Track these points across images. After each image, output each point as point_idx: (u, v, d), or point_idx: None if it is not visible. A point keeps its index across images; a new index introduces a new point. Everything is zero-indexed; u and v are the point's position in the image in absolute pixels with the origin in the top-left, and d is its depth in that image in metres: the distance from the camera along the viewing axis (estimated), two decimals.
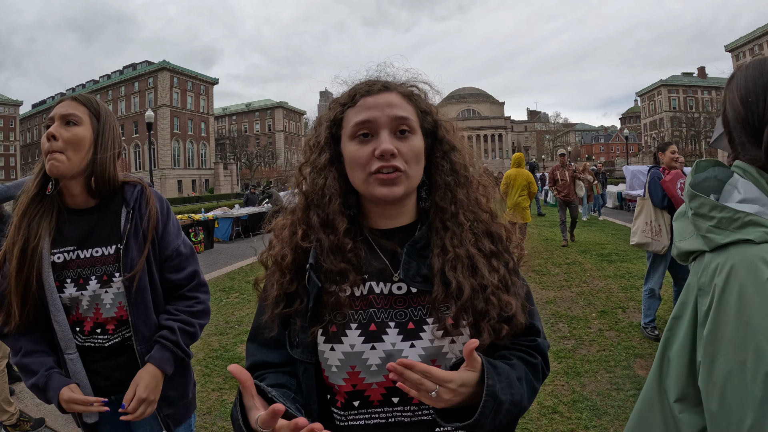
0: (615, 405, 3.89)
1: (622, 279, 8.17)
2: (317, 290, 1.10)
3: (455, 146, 1.23)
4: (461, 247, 1.13)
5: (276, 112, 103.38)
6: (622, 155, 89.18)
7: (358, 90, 1.17)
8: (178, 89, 77.67)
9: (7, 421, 3.86)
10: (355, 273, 1.12)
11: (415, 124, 1.15)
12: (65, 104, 1.73)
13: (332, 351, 1.10)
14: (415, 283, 1.13)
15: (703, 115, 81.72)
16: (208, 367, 5.02)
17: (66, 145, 1.66)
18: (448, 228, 1.16)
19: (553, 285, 7.94)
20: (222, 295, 8.23)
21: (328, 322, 1.11)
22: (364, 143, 1.11)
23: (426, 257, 1.15)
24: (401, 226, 1.21)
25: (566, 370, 4.61)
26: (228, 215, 17.23)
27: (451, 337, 1.10)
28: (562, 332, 5.66)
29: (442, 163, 1.21)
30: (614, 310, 6.41)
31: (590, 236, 13.23)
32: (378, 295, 1.14)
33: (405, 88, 1.19)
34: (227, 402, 4.22)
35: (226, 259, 12.57)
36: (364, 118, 1.11)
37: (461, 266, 1.11)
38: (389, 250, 1.17)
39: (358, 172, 1.12)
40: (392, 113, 1.11)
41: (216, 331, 6.22)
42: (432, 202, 1.20)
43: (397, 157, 1.09)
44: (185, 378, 1.96)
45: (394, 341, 1.10)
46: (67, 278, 1.68)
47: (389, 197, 1.10)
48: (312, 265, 1.12)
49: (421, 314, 1.12)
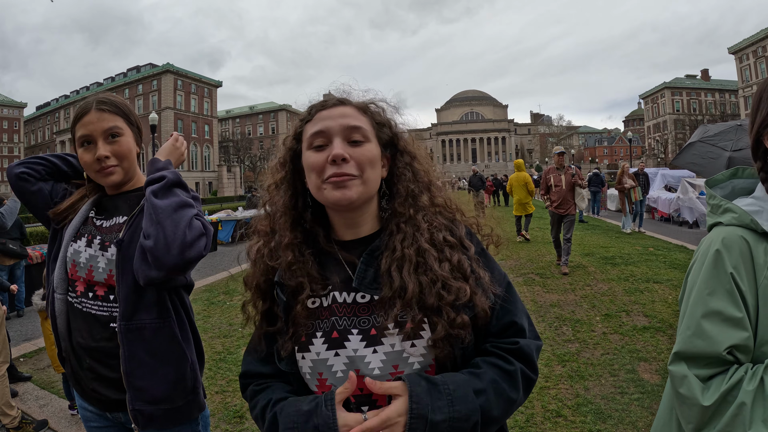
0: (619, 409, 3.87)
1: (626, 282, 8.14)
2: (284, 305, 1.19)
3: (416, 155, 1.29)
4: (411, 247, 1.16)
5: (279, 114, 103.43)
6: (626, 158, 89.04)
7: (314, 106, 1.23)
8: (182, 92, 77.86)
9: (9, 424, 3.87)
10: (314, 284, 1.18)
11: (369, 134, 1.19)
12: (98, 119, 1.75)
13: (303, 359, 1.18)
14: (369, 290, 1.16)
15: (706, 117, 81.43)
16: (211, 370, 5.02)
17: (119, 159, 1.78)
18: (401, 230, 1.19)
19: (557, 288, 7.92)
20: (225, 298, 8.25)
21: (298, 333, 1.18)
22: (319, 151, 1.16)
23: (378, 263, 1.19)
24: (364, 236, 1.25)
25: (570, 373, 4.60)
26: (231, 218, 17.27)
27: (411, 341, 1.11)
28: (566, 335, 5.64)
29: (404, 172, 1.26)
30: (618, 314, 6.38)
31: (594, 239, 13.19)
32: (341, 304, 1.19)
33: (359, 102, 1.25)
34: (230, 405, 4.22)
35: (229, 262, 12.58)
36: (318, 129, 1.17)
37: (407, 264, 1.13)
38: (351, 260, 1.22)
39: (313, 179, 1.16)
40: (345, 123, 1.17)
41: (219, 334, 6.23)
42: (392, 209, 1.24)
43: (349, 162, 1.13)
44: (175, 374, 1.73)
45: (357, 347, 1.14)
46: (84, 234, 1.78)
47: (343, 200, 1.13)
48: (277, 282, 1.21)
49: (383, 320, 1.13)
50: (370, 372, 1.11)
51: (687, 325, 1.19)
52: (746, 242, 1.15)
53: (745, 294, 1.12)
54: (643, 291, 7.49)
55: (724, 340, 1.12)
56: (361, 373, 1.11)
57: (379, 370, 1.11)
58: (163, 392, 1.69)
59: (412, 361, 1.12)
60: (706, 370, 1.14)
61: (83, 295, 1.73)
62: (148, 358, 1.67)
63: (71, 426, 4.08)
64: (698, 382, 1.13)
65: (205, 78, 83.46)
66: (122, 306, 1.65)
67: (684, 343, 1.18)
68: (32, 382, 5.03)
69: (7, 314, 4.75)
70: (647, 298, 7.10)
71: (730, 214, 1.22)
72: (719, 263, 1.16)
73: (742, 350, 1.13)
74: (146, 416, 1.69)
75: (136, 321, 1.66)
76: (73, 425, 4.09)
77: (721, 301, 1.14)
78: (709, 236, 1.24)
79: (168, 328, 1.71)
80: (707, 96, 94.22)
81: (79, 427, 4.03)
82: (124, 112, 1.82)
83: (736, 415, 1.07)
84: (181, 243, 1.53)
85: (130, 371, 1.66)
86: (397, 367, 1.12)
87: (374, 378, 1.09)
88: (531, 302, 7.08)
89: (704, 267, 1.20)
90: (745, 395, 1.07)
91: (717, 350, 1.12)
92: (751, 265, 1.14)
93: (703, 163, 6.65)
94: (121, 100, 1.86)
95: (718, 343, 1.12)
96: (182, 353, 1.74)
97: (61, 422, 4.15)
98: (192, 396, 1.78)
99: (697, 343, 1.15)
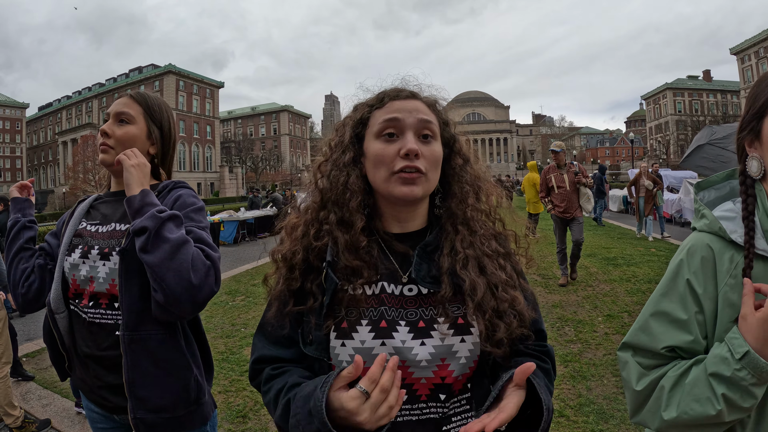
0: (621, 409, 3.87)
1: (628, 283, 8.14)
2: (334, 287, 1.13)
3: (470, 159, 1.29)
4: (471, 249, 1.18)
5: (281, 115, 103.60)
6: (628, 159, 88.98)
7: (386, 94, 1.22)
8: (184, 92, 78.08)
9: (12, 423, 3.88)
10: (369, 270, 1.15)
11: (437, 131, 1.20)
12: (121, 102, 1.84)
13: (343, 347, 1.12)
14: (426, 284, 1.16)
15: (708, 118, 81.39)
16: (214, 370, 5.01)
17: (116, 142, 1.79)
18: (459, 231, 1.20)
19: (559, 289, 7.92)
20: (228, 298, 8.25)
21: (341, 318, 1.13)
22: (390, 142, 1.15)
23: (436, 260, 1.19)
24: (413, 231, 1.24)
25: (572, 373, 4.60)
26: (233, 218, 17.28)
27: (461, 336, 1.13)
28: (569, 336, 5.64)
29: (461, 174, 1.26)
30: (620, 314, 6.38)
31: (596, 240, 13.18)
32: (389, 294, 1.17)
33: (429, 98, 1.25)
34: (233, 404, 4.23)
35: (231, 263, 12.60)
36: (392, 116, 1.16)
37: (472, 265, 1.15)
38: (400, 253, 1.21)
39: (381, 170, 1.15)
40: (419, 116, 1.16)
41: (222, 334, 6.24)
42: (446, 209, 1.24)
43: (420, 158, 1.13)
44: (178, 385, 1.70)
45: (404, 339, 1.12)
46: (79, 245, 1.76)
47: (409, 196, 1.13)
48: (329, 262, 1.15)
49: (432, 314, 1.14)
50: (417, 364, 1.11)
51: (638, 319, 1.29)
52: (711, 250, 1.19)
53: (702, 299, 1.17)
54: (645, 292, 7.48)
55: (665, 339, 1.19)
56: (407, 364, 1.11)
57: (427, 363, 1.11)
58: (165, 402, 1.67)
59: (459, 356, 1.13)
60: (648, 361, 1.22)
61: (87, 306, 1.72)
62: (152, 368, 1.64)
63: (74, 425, 4.09)
64: (637, 368, 1.22)
65: (207, 79, 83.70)
66: (126, 316, 1.63)
67: (632, 334, 1.28)
68: (35, 381, 5.04)
69: (9, 314, 4.76)
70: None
71: (704, 220, 1.25)
72: (679, 269, 1.22)
73: (685, 351, 1.18)
74: (148, 425, 1.66)
75: (142, 332, 1.63)
76: (76, 424, 4.09)
77: (671, 303, 1.21)
78: (684, 240, 1.29)
79: (173, 339, 1.68)
80: (709, 97, 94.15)
81: (82, 427, 4.04)
82: (148, 106, 1.86)
83: (656, 398, 1.16)
84: (189, 291, 1.48)
85: (132, 380, 1.63)
86: (444, 360, 1.12)
87: (421, 371, 1.11)
88: None
89: (667, 270, 1.27)
90: (666, 380, 1.16)
91: (656, 347, 1.20)
92: (712, 272, 1.17)
93: (713, 166, 6.60)
94: (155, 98, 1.90)
95: (658, 341, 1.20)
96: (187, 365, 1.70)
97: (64, 421, 4.16)
98: (195, 407, 1.74)
99: (641, 337, 1.24)
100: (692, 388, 1.11)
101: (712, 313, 1.16)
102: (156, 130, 1.88)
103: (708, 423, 1.09)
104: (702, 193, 1.33)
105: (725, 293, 1.15)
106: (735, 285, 1.14)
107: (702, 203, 1.29)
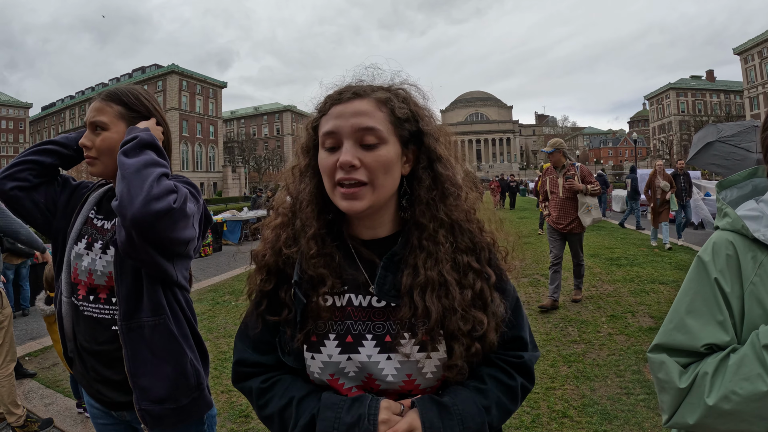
0: (625, 409, 3.85)
1: (632, 283, 8.12)
2: (303, 306, 1.13)
3: (441, 156, 1.17)
4: (434, 269, 1.11)
5: (284, 115, 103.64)
6: (631, 159, 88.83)
7: (330, 97, 1.14)
8: (187, 92, 78.13)
9: (15, 422, 3.87)
10: (333, 278, 1.13)
11: (385, 134, 1.09)
12: (93, 108, 1.76)
13: (313, 359, 1.14)
14: (389, 297, 1.13)
15: (711, 118, 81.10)
16: (217, 369, 5.02)
17: (98, 152, 1.74)
18: (424, 248, 1.13)
19: (563, 289, 7.86)
20: (231, 298, 8.26)
21: (310, 331, 1.14)
22: (331, 153, 1.10)
23: (401, 271, 1.14)
24: (382, 237, 1.20)
25: (576, 374, 4.58)
26: (237, 218, 17.28)
27: (427, 353, 1.11)
28: (572, 336, 5.63)
29: (423, 177, 1.16)
30: (624, 315, 6.36)
31: (599, 240, 13.15)
32: (356, 307, 1.15)
33: (381, 94, 1.13)
34: (236, 404, 4.22)
35: (234, 262, 12.59)
36: (329, 129, 1.10)
37: (431, 289, 1.10)
38: (368, 261, 1.17)
39: (326, 181, 1.12)
40: (357, 123, 1.07)
41: (225, 334, 6.23)
42: (411, 217, 1.16)
43: (359, 169, 1.07)
44: (176, 371, 1.71)
45: (370, 353, 1.11)
46: (86, 235, 1.77)
47: (350, 211, 1.09)
48: (296, 281, 1.14)
49: (399, 328, 1.11)
50: (383, 378, 1.11)
51: (670, 319, 1.24)
52: (734, 248, 1.17)
53: (730, 298, 1.15)
54: (648, 292, 7.47)
55: (705, 336, 1.15)
56: (373, 377, 1.12)
57: (393, 377, 1.11)
58: (166, 390, 1.67)
59: (425, 371, 1.12)
60: (686, 359, 1.18)
61: (85, 298, 1.73)
62: (150, 356, 1.66)
63: (76, 425, 4.09)
64: (676, 366, 1.17)
65: (210, 79, 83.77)
66: (122, 306, 1.64)
67: (665, 335, 1.23)
68: (38, 380, 5.04)
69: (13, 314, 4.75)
70: (653, 299, 7.09)
71: (726, 219, 1.24)
72: (705, 268, 1.20)
73: (723, 349, 1.14)
74: (154, 416, 1.67)
75: (136, 320, 1.64)
76: (78, 424, 4.09)
77: (704, 303, 1.18)
78: (708, 240, 1.27)
79: (164, 325, 1.68)
80: (712, 97, 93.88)
81: (84, 426, 4.03)
82: (123, 102, 1.77)
83: (699, 386, 1.11)
84: (146, 196, 1.43)
85: (134, 371, 1.65)
86: (410, 375, 1.12)
87: (387, 384, 1.11)
88: (536, 303, 7.05)
89: (691, 269, 1.25)
90: (707, 366, 1.11)
91: (695, 345, 1.15)
92: (737, 271, 1.16)
93: (727, 164, 6.57)
94: (128, 91, 1.80)
95: (698, 339, 1.15)
96: (181, 350, 1.71)
97: (66, 421, 4.15)
98: (197, 393, 1.75)
99: (677, 336, 1.19)
100: (739, 368, 1.06)
101: (740, 310, 1.15)
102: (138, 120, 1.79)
103: (756, 411, 1.04)
104: (724, 192, 1.33)
105: (752, 291, 1.13)
106: (760, 283, 1.12)
107: (725, 202, 1.28)
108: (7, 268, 7.27)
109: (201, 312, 7.38)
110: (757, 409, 1.03)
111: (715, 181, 11.08)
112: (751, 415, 1.04)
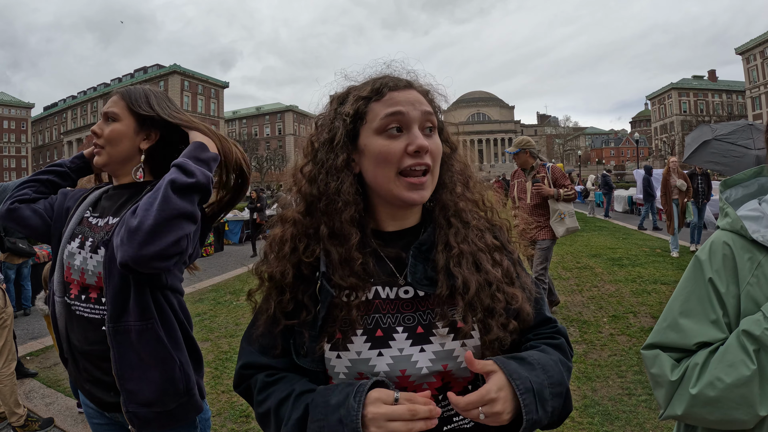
0: (627, 410, 3.85)
1: (634, 283, 8.10)
2: (330, 299, 1.06)
3: (457, 147, 1.24)
4: (465, 243, 1.12)
5: (286, 115, 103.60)
6: (633, 159, 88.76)
7: (384, 83, 1.10)
8: (189, 93, 78.34)
9: (16, 422, 3.88)
10: (365, 285, 1.09)
11: (436, 123, 1.12)
12: (110, 100, 1.83)
13: (338, 359, 1.07)
14: (422, 286, 1.10)
15: (713, 118, 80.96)
16: (218, 369, 5.02)
17: (105, 141, 1.79)
18: (452, 224, 1.14)
19: (564, 289, 7.89)
20: (232, 298, 8.26)
21: (334, 328, 1.07)
22: (395, 138, 1.06)
23: (432, 258, 1.12)
24: (408, 228, 1.18)
25: (577, 374, 4.57)
26: (238, 218, 17.28)
27: (462, 340, 1.08)
28: (573, 337, 5.62)
29: (450, 162, 1.20)
30: (625, 315, 6.35)
31: (601, 241, 13.13)
32: (384, 300, 1.11)
33: (424, 87, 1.16)
34: (237, 404, 4.22)
35: (236, 262, 12.62)
36: (395, 110, 1.06)
37: (466, 262, 1.10)
38: (395, 254, 1.14)
39: (385, 169, 1.06)
40: (422, 108, 1.08)
41: (226, 333, 6.23)
42: (437, 201, 1.18)
43: (428, 154, 1.07)
44: (163, 377, 1.68)
45: (402, 347, 1.07)
46: (79, 234, 1.77)
47: (418, 202, 1.09)
48: (324, 273, 1.08)
49: (430, 318, 1.09)
50: (417, 372, 1.06)
51: (664, 318, 1.27)
52: (730, 248, 1.19)
53: (725, 298, 1.16)
54: (650, 292, 7.45)
55: (697, 335, 1.17)
56: (407, 373, 1.06)
57: (427, 370, 1.07)
58: (153, 395, 1.65)
59: (460, 360, 1.08)
60: (678, 355, 1.21)
61: (77, 298, 1.72)
62: (137, 360, 1.63)
63: (77, 424, 4.09)
64: (668, 359, 1.20)
65: (212, 79, 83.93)
66: (110, 308, 1.62)
67: (659, 333, 1.26)
68: (38, 380, 5.05)
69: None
70: (654, 299, 7.07)
71: (726, 219, 1.25)
72: (700, 268, 1.22)
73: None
74: (141, 419, 1.66)
75: (123, 323, 1.62)
76: (78, 423, 4.09)
77: (698, 302, 1.20)
78: (707, 239, 1.28)
79: (152, 330, 1.64)
80: (714, 97, 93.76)
81: (85, 426, 4.03)
82: (130, 99, 1.79)
83: (688, 377, 1.15)
84: (157, 251, 1.41)
85: (121, 373, 1.63)
86: (446, 366, 1.08)
87: (421, 378, 1.07)
88: None
89: (688, 268, 1.27)
90: (697, 357, 1.16)
91: (688, 343, 1.18)
92: (733, 271, 1.17)
93: (726, 161, 6.53)
94: (137, 90, 1.83)
95: (690, 337, 1.18)
96: (169, 356, 1.67)
97: (67, 420, 4.16)
98: (185, 398, 1.72)
99: (671, 335, 1.22)
100: (723, 356, 1.10)
101: (735, 310, 1.16)
102: (145, 126, 1.80)
103: (740, 397, 1.06)
104: (728, 191, 1.32)
105: (748, 292, 1.14)
106: (756, 284, 1.13)
107: (727, 202, 1.28)
108: (8, 267, 7.28)
109: (202, 312, 7.39)
110: (742, 394, 1.06)
111: (717, 182, 11.03)
112: (736, 402, 1.07)
